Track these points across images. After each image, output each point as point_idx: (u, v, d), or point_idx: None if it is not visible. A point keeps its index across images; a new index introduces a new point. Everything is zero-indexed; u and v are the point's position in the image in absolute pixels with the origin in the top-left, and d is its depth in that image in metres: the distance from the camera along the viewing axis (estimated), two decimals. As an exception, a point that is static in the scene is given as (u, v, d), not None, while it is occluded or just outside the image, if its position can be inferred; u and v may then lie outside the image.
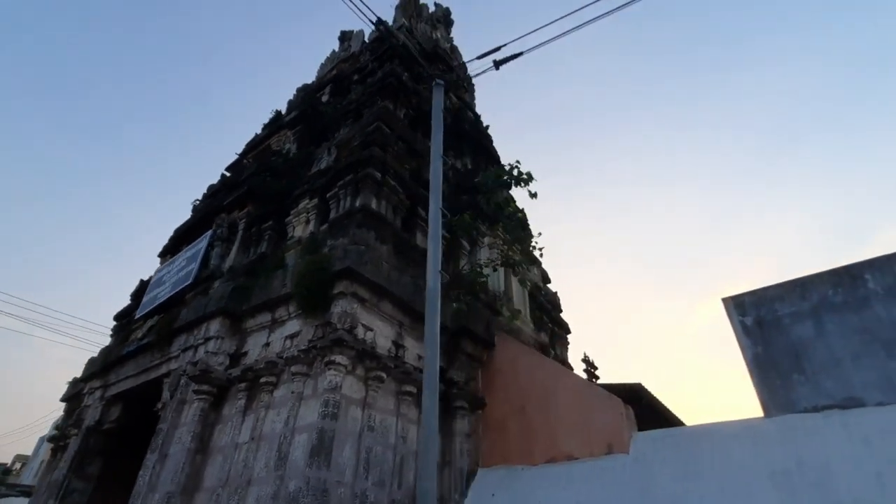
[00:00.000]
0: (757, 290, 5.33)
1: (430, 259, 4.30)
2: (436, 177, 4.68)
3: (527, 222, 12.52)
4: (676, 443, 4.93)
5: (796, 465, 4.08)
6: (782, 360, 4.86)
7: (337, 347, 5.00)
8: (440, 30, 15.80)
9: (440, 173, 4.76)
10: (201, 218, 8.75)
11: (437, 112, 4.94)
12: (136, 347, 7.29)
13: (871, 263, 4.79)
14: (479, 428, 6.38)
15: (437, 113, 4.94)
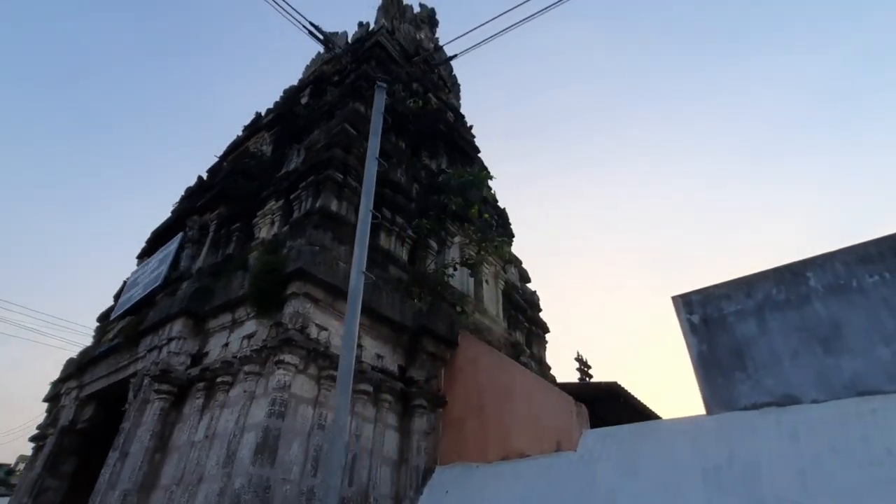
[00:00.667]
0: (704, 289, 5.36)
1: (354, 261, 4.37)
2: (369, 179, 4.74)
3: (507, 222, 12.59)
4: (622, 440, 4.97)
5: (727, 462, 4.12)
6: (726, 358, 4.89)
7: (286, 347, 5.08)
8: (424, 30, 15.86)
9: (374, 176, 4.83)
10: (176, 220, 8.87)
11: (377, 114, 5.00)
12: (108, 348, 7.42)
13: (813, 261, 4.81)
14: (440, 426, 6.44)
15: (376, 115, 5.00)
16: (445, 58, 16.09)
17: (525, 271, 11.82)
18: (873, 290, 4.38)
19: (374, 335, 6.28)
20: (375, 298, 6.18)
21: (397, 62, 12.54)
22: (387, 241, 7.29)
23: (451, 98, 14.79)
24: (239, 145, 10.97)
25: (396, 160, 8.37)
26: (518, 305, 9.99)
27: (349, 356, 4.00)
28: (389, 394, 6.10)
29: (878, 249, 4.50)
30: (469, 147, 11.49)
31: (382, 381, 6.04)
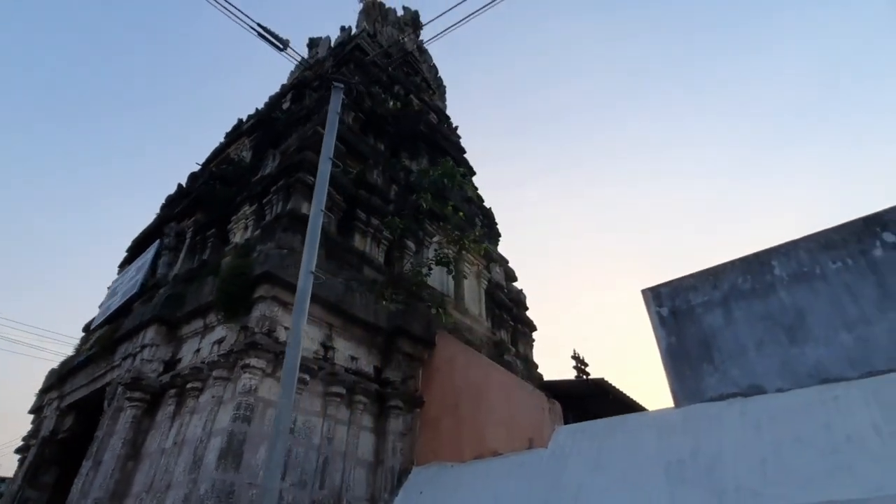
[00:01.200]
0: (673, 281, 5.32)
1: (303, 261, 4.34)
2: (322, 179, 4.72)
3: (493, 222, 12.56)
4: (592, 436, 4.93)
5: (691, 455, 4.07)
6: (694, 350, 4.85)
7: (252, 351, 5.06)
8: (408, 33, 15.89)
9: (327, 176, 4.80)
10: (156, 227, 8.87)
11: (332, 115, 4.97)
12: (86, 358, 7.40)
13: (778, 250, 4.77)
14: (417, 426, 6.40)
15: (331, 115, 4.97)
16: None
17: (511, 270, 11.78)
18: (836, 276, 4.34)
19: (348, 337, 6.25)
20: (348, 300, 6.16)
21: (378, 65, 12.56)
22: (362, 242, 7.27)
23: (436, 100, 14.80)
24: (221, 152, 10.98)
25: (373, 161, 8.36)
26: (503, 304, 9.95)
27: (293, 354, 3.97)
28: (364, 395, 6.06)
29: (841, 236, 4.46)
30: (451, 147, 11.48)
31: (356, 382, 6.00)
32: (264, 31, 4.39)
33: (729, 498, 3.59)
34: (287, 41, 4.52)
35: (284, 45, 4.53)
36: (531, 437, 5.30)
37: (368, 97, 10.15)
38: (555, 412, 5.49)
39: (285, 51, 4.56)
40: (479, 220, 11.99)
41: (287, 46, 4.54)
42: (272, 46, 4.45)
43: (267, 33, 4.41)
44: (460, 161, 12.19)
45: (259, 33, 4.37)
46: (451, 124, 14.70)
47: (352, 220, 7.29)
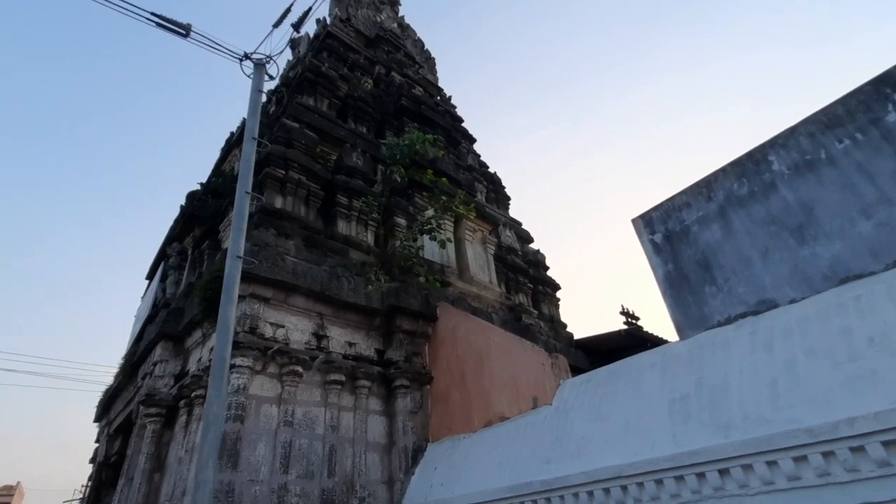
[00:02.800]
0: (664, 202, 4.74)
1: (230, 246, 4.17)
2: (246, 161, 4.51)
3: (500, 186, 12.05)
4: (595, 385, 4.52)
5: (695, 389, 3.59)
6: (693, 273, 4.30)
7: (236, 350, 5.00)
8: (386, 11, 15.43)
9: (251, 158, 4.59)
10: (162, 250, 9.14)
11: (254, 94, 4.74)
12: (117, 384, 7.77)
13: (774, 141, 4.10)
14: (428, 403, 6.21)
15: (253, 94, 4.74)
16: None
17: (525, 232, 11.28)
18: (844, 157, 3.65)
19: (342, 323, 6.12)
20: (334, 287, 6.01)
21: (353, 49, 12.26)
22: (346, 227, 7.09)
23: (424, 73, 14.33)
24: (217, 167, 11.14)
25: (351, 145, 8.13)
26: (517, 267, 9.53)
27: (222, 342, 3.82)
28: (367, 379, 5.93)
29: (846, 108, 3.74)
30: (440, 117, 11.04)
31: (356, 367, 5.88)
32: (161, 19, 4.21)
33: (736, 429, 3.12)
34: (189, 26, 4.32)
35: (187, 31, 4.33)
36: (535, 395, 4.96)
37: (343, 81, 9.91)
38: (559, 367, 5.10)
39: (188, 36, 4.37)
40: (483, 185, 11.55)
41: (189, 32, 4.34)
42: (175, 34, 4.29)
43: (165, 22, 4.24)
44: (454, 129, 11.73)
45: (157, 23, 4.20)
46: (444, 95, 14.21)
47: (333, 207, 7.13)
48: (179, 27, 4.30)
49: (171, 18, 4.20)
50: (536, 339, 7.40)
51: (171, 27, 4.28)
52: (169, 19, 4.22)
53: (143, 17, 4.10)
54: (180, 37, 4.35)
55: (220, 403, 3.74)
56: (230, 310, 3.98)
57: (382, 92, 10.81)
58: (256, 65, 4.70)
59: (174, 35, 4.29)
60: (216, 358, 3.82)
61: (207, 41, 4.35)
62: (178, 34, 4.33)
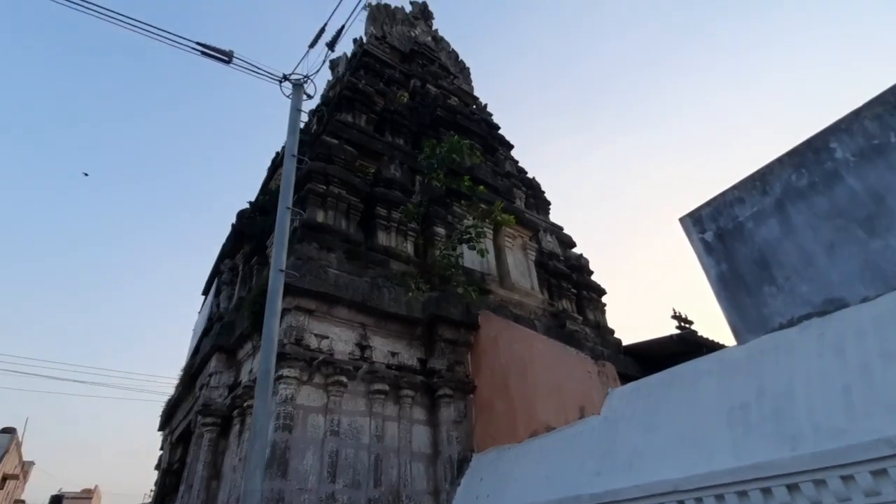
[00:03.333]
0: (714, 199, 4.48)
1: (273, 260, 4.28)
2: (287, 178, 4.65)
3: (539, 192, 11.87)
4: (647, 394, 4.31)
5: (756, 396, 3.34)
6: (750, 272, 4.03)
7: (283, 362, 5.16)
8: (420, 26, 15.72)
9: (292, 175, 4.72)
10: (216, 267, 9.62)
11: (293, 113, 4.90)
12: (178, 395, 8.20)
13: (836, 127, 3.79)
14: (472, 413, 6.14)
15: (292, 113, 4.90)
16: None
17: (567, 237, 11.03)
18: (919, 139, 3.31)
19: (384, 333, 6.18)
20: (375, 297, 6.09)
21: (389, 64, 12.54)
22: (386, 238, 7.19)
23: (459, 83, 14.44)
24: (265, 186, 11.66)
25: (388, 157, 8.28)
26: (559, 273, 9.31)
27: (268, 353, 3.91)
28: (410, 388, 5.94)
29: (917, 86, 3.40)
30: (476, 125, 11.05)
31: (399, 377, 5.90)
32: (206, 48, 4.49)
33: (805, 441, 2.86)
34: (231, 52, 4.58)
35: (230, 57, 4.59)
36: (582, 404, 4.78)
37: (380, 96, 10.14)
38: (606, 374, 4.91)
39: (231, 62, 4.63)
40: (522, 191, 11.43)
41: (232, 59, 4.61)
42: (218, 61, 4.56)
43: (209, 50, 4.51)
44: (490, 137, 11.71)
45: (201, 52, 4.49)
46: (479, 104, 14.24)
47: (373, 219, 7.25)
48: (223, 54, 4.58)
49: (214, 47, 4.49)
50: (582, 346, 7.16)
51: (215, 55, 4.56)
52: (213, 48, 4.50)
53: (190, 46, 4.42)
54: (223, 63, 4.63)
55: (265, 415, 3.85)
56: (274, 323, 4.11)
57: (418, 104, 10.97)
58: (295, 85, 4.90)
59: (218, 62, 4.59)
60: (261, 370, 3.95)
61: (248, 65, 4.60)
62: (221, 61, 4.60)
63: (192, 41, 4.35)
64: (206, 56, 4.49)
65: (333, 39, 4.90)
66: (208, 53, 4.50)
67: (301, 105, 4.95)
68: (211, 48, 4.49)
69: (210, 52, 4.50)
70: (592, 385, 4.78)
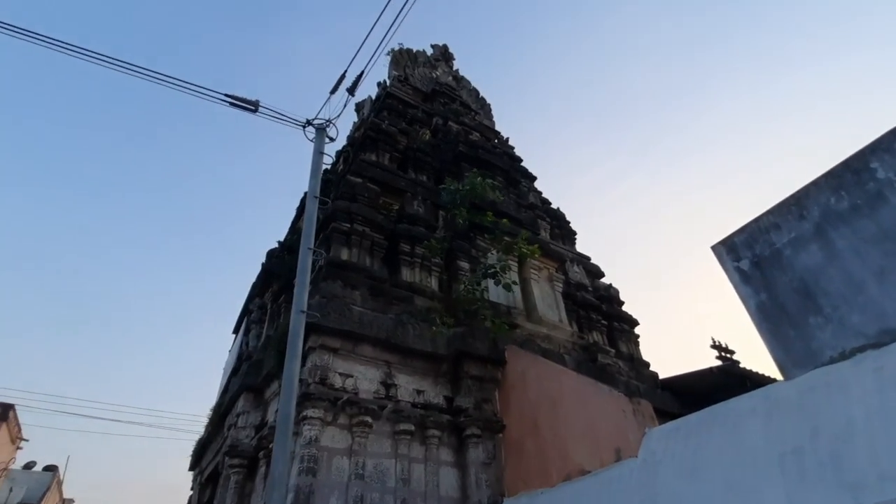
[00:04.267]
0: (747, 225, 4.28)
1: (294, 301, 4.29)
2: (309, 219, 4.72)
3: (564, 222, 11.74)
4: (687, 434, 4.02)
5: (810, 439, 3.05)
6: (792, 302, 3.78)
7: (307, 402, 5.12)
8: (441, 66, 16.25)
9: (314, 215, 4.79)
10: (246, 307, 9.80)
11: (315, 156, 5.03)
12: (207, 434, 8.22)
13: (876, 146, 3.59)
14: (501, 454, 5.88)
15: (315, 156, 5.03)
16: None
17: (595, 266, 10.78)
18: (969, 155, 3.09)
19: (409, 371, 6.08)
20: (399, 334, 6.03)
21: (412, 104, 12.92)
22: (410, 274, 7.18)
23: (481, 119, 14.70)
24: (293, 225, 11.96)
25: (411, 193, 8.39)
26: (588, 304, 9.04)
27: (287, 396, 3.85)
28: (437, 428, 5.77)
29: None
30: (498, 159, 11.15)
31: (425, 416, 5.75)
32: (233, 98, 4.73)
33: (869, 490, 2.57)
34: (257, 102, 4.82)
35: (256, 106, 4.82)
36: (617, 445, 4.50)
37: (402, 135, 10.39)
38: (642, 413, 4.63)
39: (257, 111, 4.86)
40: (546, 222, 11.32)
41: (258, 108, 4.83)
42: (245, 111, 4.79)
43: (236, 100, 4.75)
44: (513, 169, 11.76)
45: (229, 102, 4.72)
46: (501, 138, 14.42)
47: (397, 255, 7.28)
48: (249, 104, 4.82)
49: (241, 97, 4.74)
50: (615, 381, 6.84)
51: (242, 105, 4.81)
52: (240, 98, 4.75)
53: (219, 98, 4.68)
54: (250, 112, 4.87)
55: (284, 461, 3.77)
56: (295, 365, 4.09)
57: (441, 141, 11.18)
58: (318, 129, 5.07)
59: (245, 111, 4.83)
60: (281, 414, 3.90)
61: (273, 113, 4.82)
62: (248, 110, 4.84)
63: (221, 93, 4.64)
64: (234, 106, 4.75)
65: (353, 84, 5.10)
66: (236, 104, 4.76)
67: (323, 148, 5.12)
68: (238, 98, 4.74)
69: (237, 103, 4.75)
70: (628, 424, 4.51)
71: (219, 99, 4.66)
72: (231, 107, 4.73)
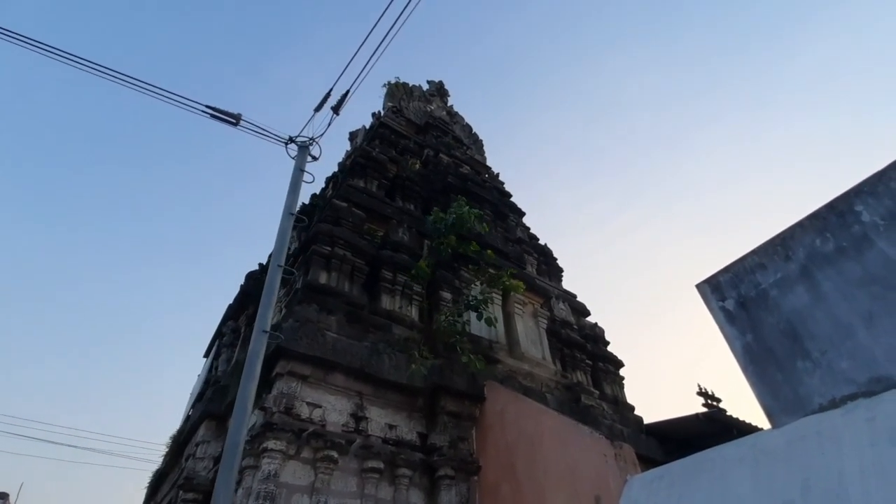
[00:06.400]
0: (732, 265, 4.20)
1: (257, 320, 4.06)
2: (281, 235, 4.55)
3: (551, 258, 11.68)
4: (670, 483, 3.78)
5: (801, 493, 2.85)
6: (779, 345, 3.64)
7: (269, 433, 4.78)
8: (436, 101, 16.56)
9: (287, 232, 4.63)
10: (218, 330, 9.42)
11: (295, 172, 4.92)
12: (164, 464, 7.68)
13: (859, 190, 3.57)
14: (476, 498, 5.51)
15: (294, 173, 4.92)
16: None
17: (581, 304, 10.64)
18: (954, 201, 3.06)
19: (382, 403, 5.77)
20: (374, 364, 5.76)
21: (404, 135, 13.03)
22: (390, 301, 6.96)
23: (472, 153, 14.87)
24: (277, 249, 11.74)
25: (397, 221, 8.27)
26: (572, 342, 8.84)
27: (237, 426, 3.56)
28: (407, 468, 5.41)
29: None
30: (487, 192, 11.17)
31: (396, 454, 5.40)
32: (214, 110, 4.64)
33: (867, 554, 2.35)
34: (239, 115, 4.74)
35: (237, 119, 4.73)
36: (597, 493, 4.22)
37: (392, 163, 10.39)
38: (623, 458, 4.37)
39: (238, 124, 4.76)
40: (533, 257, 11.24)
41: (239, 121, 4.74)
42: (226, 123, 4.69)
43: (217, 112, 4.66)
44: (502, 204, 11.78)
45: (210, 114, 4.63)
46: (491, 173, 14.55)
47: (378, 282, 7.08)
48: (231, 116, 4.73)
49: (222, 110, 4.65)
50: (598, 423, 6.57)
51: (223, 117, 4.72)
52: (220, 110, 4.67)
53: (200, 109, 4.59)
54: (230, 125, 4.77)
55: (227, 495, 3.42)
56: (250, 386, 3.81)
57: (431, 171, 11.20)
58: (300, 147, 4.98)
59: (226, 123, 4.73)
60: (229, 442, 3.59)
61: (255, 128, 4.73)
62: (229, 123, 4.75)
63: (202, 104, 4.55)
64: (214, 118, 4.66)
65: (339, 103, 5.06)
66: (217, 116, 4.67)
67: (304, 165, 5.01)
68: (219, 111, 4.66)
69: (218, 115, 4.67)
70: (609, 470, 4.24)
71: (200, 110, 4.58)
72: (212, 119, 4.64)
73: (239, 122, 4.75)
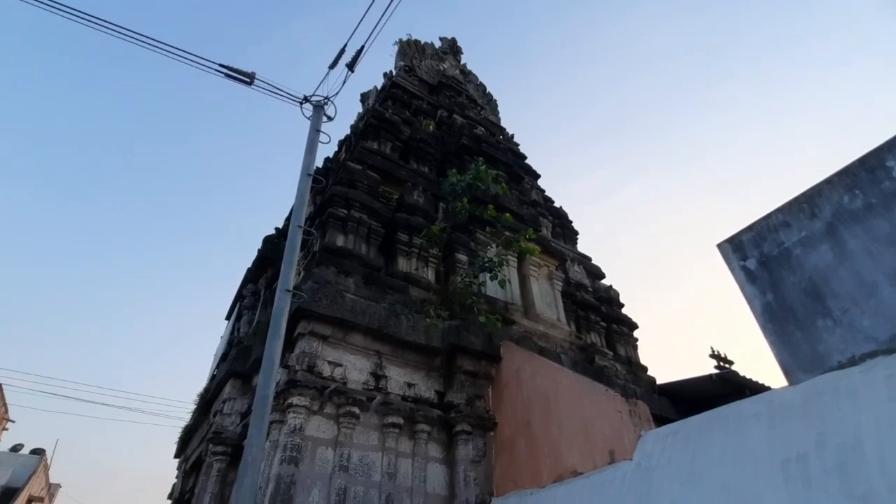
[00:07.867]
0: (755, 223, 4.12)
1: (280, 280, 4.13)
2: (300, 196, 4.57)
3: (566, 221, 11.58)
4: (685, 438, 3.87)
5: (816, 446, 2.90)
6: (800, 304, 3.62)
7: (294, 389, 4.97)
8: (448, 60, 16.08)
9: (306, 193, 4.64)
10: (239, 292, 9.65)
11: (311, 133, 4.87)
12: (193, 421, 8.07)
13: (893, 144, 3.43)
14: (492, 452, 5.73)
15: (311, 133, 4.86)
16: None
17: (596, 267, 10.62)
18: None
19: (401, 363, 5.93)
20: (393, 324, 5.88)
21: (417, 96, 12.75)
22: (406, 264, 7.03)
23: (486, 114, 14.54)
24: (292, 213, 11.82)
25: (412, 183, 8.23)
26: (587, 304, 8.89)
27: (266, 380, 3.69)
28: (426, 423, 5.61)
29: None
30: (502, 153, 10.98)
31: (415, 410, 5.60)
32: (228, 69, 4.57)
33: (879, 501, 2.41)
34: (253, 74, 4.67)
35: (251, 78, 4.66)
36: (611, 447, 4.35)
37: (406, 125, 10.24)
38: (638, 415, 4.47)
39: (252, 84, 4.70)
40: (548, 220, 11.16)
41: (254, 80, 4.68)
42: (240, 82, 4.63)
43: (231, 71, 4.59)
44: (517, 166, 11.60)
45: (224, 73, 4.57)
46: (506, 134, 14.26)
47: (394, 244, 7.13)
48: (245, 75, 4.66)
49: (236, 69, 4.58)
50: (612, 383, 6.69)
51: (237, 76, 4.65)
52: (235, 69, 4.59)
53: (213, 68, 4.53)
54: (245, 84, 4.71)
55: (259, 445, 3.62)
56: (276, 345, 3.93)
57: (444, 133, 11.02)
58: (315, 106, 4.92)
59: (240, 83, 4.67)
60: (258, 395, 3.75)
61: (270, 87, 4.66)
62: (243, 82, 4.68)
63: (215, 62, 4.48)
64: (228, 77, 4.60)
65: (353, 60, 4.93)
66: (231, 75, 4.60)
67: (320, 126, 4.95)
68: (233, 69, 4.59)
69: (232, 74, 4.60)
70: (623, 426, 4.35)
71: (213, 69, 4.51)
72: (226, 77, 4.58)
73: (253, 81, 4.69)
